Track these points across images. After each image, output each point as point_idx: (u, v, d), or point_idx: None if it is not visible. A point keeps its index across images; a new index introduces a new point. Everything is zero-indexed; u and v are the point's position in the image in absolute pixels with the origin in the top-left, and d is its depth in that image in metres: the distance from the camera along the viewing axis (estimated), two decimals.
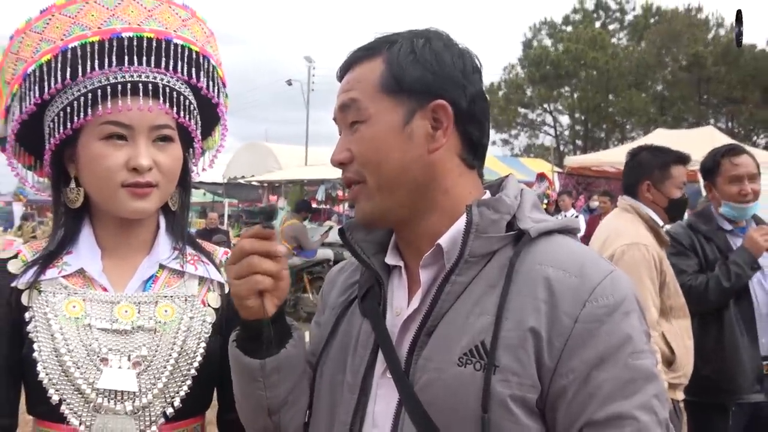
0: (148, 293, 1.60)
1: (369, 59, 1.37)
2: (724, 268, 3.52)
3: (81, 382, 1.49)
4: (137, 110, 1.53)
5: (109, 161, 1.52)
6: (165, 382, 1.54)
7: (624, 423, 1.19)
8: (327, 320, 1.52)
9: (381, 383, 1.35)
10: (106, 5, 1.56)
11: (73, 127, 1.54)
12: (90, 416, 1.50)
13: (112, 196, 1.54)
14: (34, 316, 1.54)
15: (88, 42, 1.53)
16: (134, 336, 1.55)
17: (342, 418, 1.36)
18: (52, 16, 1.57)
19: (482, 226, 1.30)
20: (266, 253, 1.31)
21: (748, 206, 3.71)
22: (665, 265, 3.32)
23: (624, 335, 1.23)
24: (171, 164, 1.58)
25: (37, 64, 1.56)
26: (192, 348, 1.58)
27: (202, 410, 1.65)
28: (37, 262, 1.59)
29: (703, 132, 16.79)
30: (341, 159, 1.37)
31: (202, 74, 1.62)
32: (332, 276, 1.62)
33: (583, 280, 1.25)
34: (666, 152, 3.64)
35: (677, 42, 42.77)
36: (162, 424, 1.54)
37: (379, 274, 1.42)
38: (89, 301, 1.56)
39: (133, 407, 1.51)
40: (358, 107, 1.35)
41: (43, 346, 1.51)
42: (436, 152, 1.33)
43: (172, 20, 1.60)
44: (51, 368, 1.50)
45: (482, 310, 1.26)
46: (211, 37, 1.70)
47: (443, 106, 1.32)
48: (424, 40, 1.35)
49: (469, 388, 1.22)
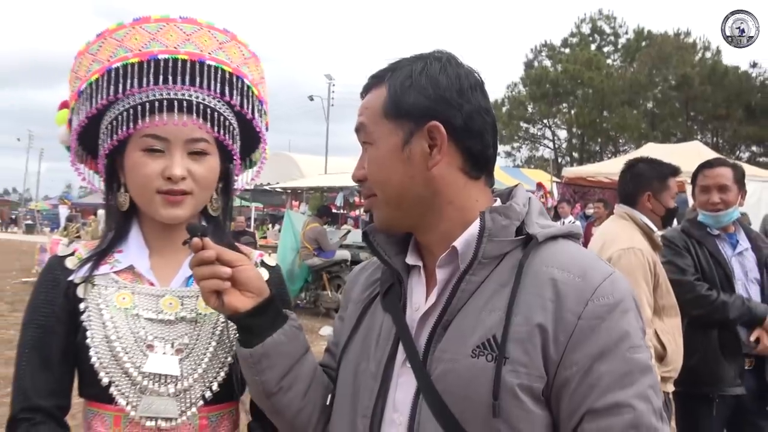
0: (190, 288, 1.61)
1: (376, 87, 1.40)
2: (743, 307, 3.56)
3: (129, 366, 1.50)
4: (172, 125, 1.54)
5: (147, 170, 1.54)
6: (204, 368, 1.55)
7: (622, 411, 1.20)
8: (351, 314, 1.53)
9: (401, 372, 1.36)
10: (149, 30, 1.58)
11: (117, 139, 1.56)
12: (136, 397, 1.51)
13: (150, 202, 1.56)
14: (88, 307, 1.56)
15: (128, 63, 1.55)
16: (177, 326, 1.57)
17: (365, 402, 1.38)
18: (105, 39, 1.60)
19: (494, 230, 1.31)
20: (201, 261, 1.40)
21: (718, 214, 3.70)
22: (658, 268, 3.31)
23: (623, 331, 1.24)
24: (205, 174, 1.58)
25: (88, 82, 1.59)
26: (229, 338, 1.59)
27: (238, 396, 1.65)
28: (91, 259, 1.60)
29: (690, 146, 16.70)
30: (358, 176, 1.42)
31: (235, 92, 1.63)
32: (354, 275, 1.63)
33: (585, 281, 1.26)
34: (662, 165, 3.64)
35: (666, 63, 42.62)
36: (201, 406, 1.55)
37: (400, 273, 1.43)
38: (137, 294, 1.58)
39: (175, 390, 1.52)
40: (366, 131, 1.39)
41: (96, 333, 1.53)
42: (435, 168, 1.34)
43: (208, 43, 1.61)
44: (102, 353, 1.51)
45: (493, 307, 1.27)
46: (251, 58, 1.69)
47: (437, 126, 1.32)
48: (422, 66, 1.36)
49: (482, 377, 1.23)
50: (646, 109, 44.93)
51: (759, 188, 13.77)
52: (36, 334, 1.56)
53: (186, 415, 1.54)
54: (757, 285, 3.70)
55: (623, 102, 43.48)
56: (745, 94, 39.46)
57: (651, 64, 43.37)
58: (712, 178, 3.74)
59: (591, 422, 1.21)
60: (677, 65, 41.79)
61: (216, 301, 1.41)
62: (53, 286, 1.58)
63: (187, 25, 1.61)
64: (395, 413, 1.34)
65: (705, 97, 39.99)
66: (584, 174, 17.18)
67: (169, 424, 1.52)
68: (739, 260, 3.73)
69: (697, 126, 43.19)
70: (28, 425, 1.50)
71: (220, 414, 1.60)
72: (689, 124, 42.75)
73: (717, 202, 3.68)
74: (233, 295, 1.41)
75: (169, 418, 1.52)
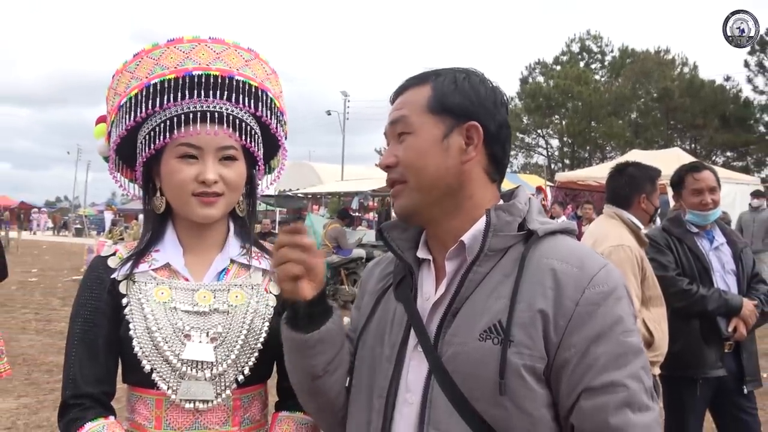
0: (221, 282, 1.61)
1: (419, 86, 1.40)
2: (720, 299, 3.55)
3: (169, 354, 1.50)
4: (205, 134, 1.55)
5: (183, 175, 1.54)
6: (237, 354, 1.55)
7: (617, 389, 1.20)
8: (366, 304, 1.52)
9: (413, 355, 1.36)
10: (183, 49, 1.59)
11: (155, 148, 1.56)
12: (176, 382, 1.51)
13: (186, 204, 1.56)
14: (130, 302, 1.55)
15: (166, 79, 1.56)
16: (211, 316, 1.56)
17: (381, 383, 1.38)
18: (142, 59, 1.60)
19: (499, 226, 1.32)
20: (295, 244, 1.34)
21: (709, 213, 3.72)
22: (645, 263, 3.30)
23: (617, 316, 1.24)
24: (235, 178, 1.58)
25: (128, 97, 1.58)
26: (258, 327, 1.58)
27: (266, 378, 1.65)
28: (131, 258, 1.60)
29: (670, 153, 16.68)
30: (388, 162, 1.40)
31: (261, 105, 1.62)
32: (370, 268, 1.63)
33: (582, 271, 1.26)
34: (649, 168, 3.64)
35: (648, 78, 42.43)
36: (234, 389, 1.55)
37: (411, 266, 1.43)
38: (174, 289, 1.58)
39: (211, 374, 1.52)
40: (406, 122, 1.37)
41: (138, 325, 1.53)
42: (467, 164, 1.35)
43: (236, 61, 1.61)
44: (144, 343, 1.51)
45: (499, 295, 1.28)
46: (273, 75, 1.70)
47: (476, 126, 1.35)
48: (464, 75, 1.39)
49: (489, 358, 1.24)
50: (631, 120, 44.66)
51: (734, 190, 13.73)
52: (83, 327, 1.56)
53: (221, 397, 1.54)
54: (733, 276, 3.70)
55: (609, 113, 43.28)
56: (720, 105, 39.23)
57: (634, 78, 43.18)
58: (703, 181, 3.73)
59: (587, 399, 1.21)
60: (658, 79, 41.60)
61: (291, 284, 1.34)
62: (98, 284, 1.59)
63: (217, 45, 1.61)
64: (408, 393, 1.34)
65: (684, 108, 39.78)
66: (575, 178, 17.14)
67: (206, 406, 1.52)
68: (716, 254, 3.74)
69: (676, 134, 42.91)
70: (78, 410, 1.50)
71: (252, 395, 1.60)
72: (670, 132, 42.48)
73: (709, 203, 3.68)
74: (306, 283, 1.36)
75: (206, 400, 1.52)
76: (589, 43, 48.90)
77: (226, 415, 1.55)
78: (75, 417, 1.50)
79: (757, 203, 12.69)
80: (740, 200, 13.24)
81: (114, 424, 1.51)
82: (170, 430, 1.52)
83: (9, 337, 8.36)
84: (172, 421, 1.52)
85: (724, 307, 3.54)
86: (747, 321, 3.53)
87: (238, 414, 1.57)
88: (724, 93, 40.18)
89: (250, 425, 1.60)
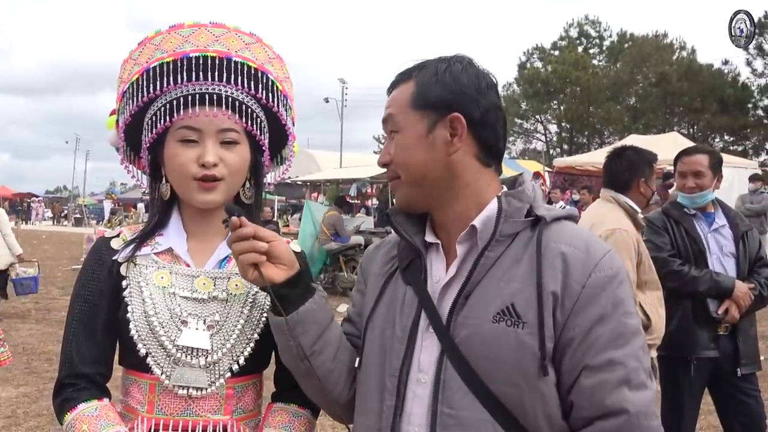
0: (223, 270, 1.60)
1: (404, 82, 1.43)
2: (711, 280, 3.56)
3: (164, 339, 1.50)
4: (204, 116, 1.54)
5: (183, 158, 1.53)
6: (233, 343, 1.54)
7: (616, 367, 1.25)
8: (372, 287, 1.54)
9: (425, 337, 1.39)
10: (183, 34, 1.59)
11: (157, 132, 1.56)
12: (170, 367, 1.51)
13: (187, 188, 1.55)
14: (130, 284, 1.55)
15: (165, 62, 1.56)
16: (209, 304, 1.55)
17: (393, 363, 1.40)
18: (145, 46, 1.61)
19: (509, 212, 1.36)
20: (241, 237, 1.40)
21: (693, 196, 3.72)
22: (641, 247, 3.31)
23: (618, 299, 1.30)
24: (236, 162, 1.57)
25: (130, 83, 1.59)
26: (256, 317, 1.58)
27: (261, 369, 1.64)
28: (134, 241, 1.60)
29: (668, 137, 16.68)
30: (384, 161, 1.45)
31: (261, 87, 1.61)
32: (371, 252, 1.64)
33: (588, 255, 1.31)
34: (647, 152, 3.64)
35: (647, 62, 42.32)
36: (228, 378, 1.54)
37: (420, 249, 1.45)
38: (175, 274, 1.57)
39: (205, 362, 1.51)
40: (393, 120, 1.42)
41: (136, 308, 1.52)
42: (455, 154, 1.38)
43: (235, 43, 1.60)
44: (140, 327, 1.51)
45: (510, 279, 1.32)
46: (276, 59, 1.68)
47: (458, 117, 1.37)
48: (446, 65, 1.40)
49: (503, 340, 1.28)
50: (629, 104, 44.58)
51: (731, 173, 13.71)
52: (83, 307, 1.56)
53: (214, 386, 1.53)
54: (732, 258, 3.69)
55: (608, 98, 43.20)
56: (718, 89, 39.17)
57: (632, 63, 43.06)
58: (687, 164, 3.76)
59: (588, 377, 1.26)
60: (656, 64, 41.48)
61: (253, 273, 1.41)
62: (99, 264, 1.59)
63: (217, 29, 1.61)
64: (420, 373, 1.37)
65: (682, 92, 39.71)
66: (573, 164, 17.14)
67: (199, 393, 1.52)
68: (714, 236, 3.73)
69: (675, 118, 42.83)
70: (73, 390, 1.51)
71: (245, 385, 1.59)
72: (668, 116, 42.42)
73: (692, 186, 3.70)
74: (270, 268, 1.42)
75: (199, 387, 1.51)
76: (587, 28, 48.70)
77: (218, 404, 1.54)
78: (69, 397, 1.50)
79: (753, 187, 12.72)
80: (738, 184, 13.25)
81: (107, 406, 1.51)
82: (162, 415, 1.52)
83: (9, 326, 8.40)
84: (164, 407, 1.52)
85: (715, 289, 3.55)
86: (739, 303, 3.53)
87: (231, 403, 1.56)
88: (722, 77, 40.12)
89: (243, 414, 1.58)
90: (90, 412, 1.48)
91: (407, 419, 1.37)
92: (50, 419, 5.26)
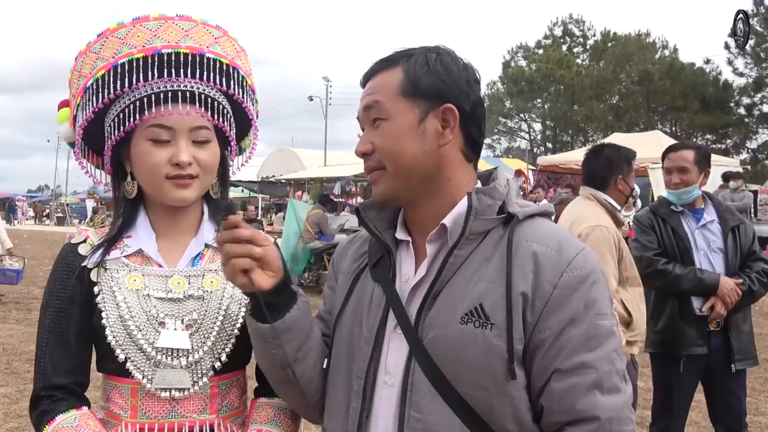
0: (196, 268, 1.57)
1: (389, 69, 1.36)
2: (695, 278, 3.56)
3: (143, 342, 1.47)
4: (177, 114, 1.50)
5: (156, 158, 1.49)
6: (213, 341, 1.52)
7: (587, 371, 1.21)
8: (342, 284, 1.50)
9: (392, 337, 1.34)
10: (150, 27, 1.53)
11: (125, 130, 1.51)
12: (151, 371, 1.48)
13: (159, 187, 1.52)
14: (102, 290, 1.52)
15: (134, 58, 1.50)
16: (186, 303, 1.53)
17: (359, 365, 1.36)
18: (106, 38, 1.54)
19: (480, 209, 1.31)
20: (236, 238, 1.30)
21: (678, 191, 3.71)
22: (622, 243, 3.31)
23: (591, 300, 1.25)
24: (208, 159, 1.54)
25: (94, 79, 1.52)
26: (234, 312, 1.55)
27: (244, 365, 1.62)
28: (102, 245, 1.56)
29: (651, 135, 16.76)
30: (365, 150, 1.37)
31: (232, 83, 1.58)
32: (342, 248, 1.60)
33: (561, 254, 1.26)
34: (624, 149, 3.63)
35: (629, 61, 42.66)
36: (211, 376, 1.52)
37: (390, 246, 1.41)
38: (147, 276, 1.54)
39: (187, 362, 1.49)
40: (380, 107, 1.34)
41: (110, 313, 1.49)
42: (444, 147, 1.33)
43: (205, 38, 1.56)
44: (117, 332, 1.48)
45: (480, 278, 1.27)
46: (242, 52, 1.65)
47: (451, 108, 1.32)
48: (435, 55, 1.35)
49: (470, 342, 1.23)
50: (612, 103, 44.90)
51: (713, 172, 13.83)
52: (53, 317, 1.52)
53: (198, 385, 1.50)
54: (720, 254, 3.67)
55: (591, 97, 43.47)
56: (699, 88, 39.59)
57: (615, 62, 43.40)
58: (673, 160, 3.75)
59: (558, 381, 1.22)
60: (639, 63, 41.86)
61: (243, 278, 1.31)
62: (67, 272, 1.54)
63: (185, 23, 1.56)
64: (387, 375, 1.33)
65: (664, 90, 40.08)
66: (557, 162, 17.22)
67: (183, 394, 1.49)
68: (702, 233, 3.70)
69: (657, 117, 43.19)
70: (49, 401, 1.47)
71: (229, 382, 1.57)
72: (650, 115, 42.75)
73: (678, 182, 3.69)
74: (259, 274, 1.32)
75: (183, 388, 1.49)
76: (571, 27, 49.04)
77: (203, 403, 1.52)
78: (46, 409, 1.46)
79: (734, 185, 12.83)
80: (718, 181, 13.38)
81: (87, 415, 1.48)
82: (146, 419, 1.49)
83: None
84: (147, 410, 1.49)
85: (699, 287, 3.56)
86: (725, 300, 3.53)
87: (216, 401, 1.54)
88: (704, 75, 40.53)
89: (229, 412, 1.57)
90: (69, 423, 1.44)
91: (374, 422, 1.33)
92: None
